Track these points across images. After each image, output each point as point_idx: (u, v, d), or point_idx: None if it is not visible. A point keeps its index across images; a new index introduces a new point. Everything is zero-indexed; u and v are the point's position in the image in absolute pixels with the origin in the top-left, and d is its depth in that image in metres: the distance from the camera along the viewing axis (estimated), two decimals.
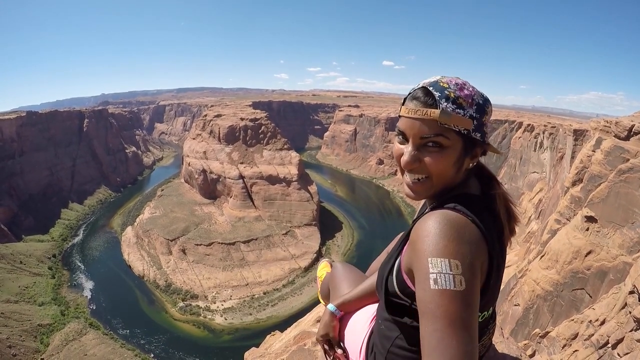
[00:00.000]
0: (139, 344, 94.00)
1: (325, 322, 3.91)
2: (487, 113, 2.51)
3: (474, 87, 2.54)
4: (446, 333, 1.99)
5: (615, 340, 19.91)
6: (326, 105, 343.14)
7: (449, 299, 2.06)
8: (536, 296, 42.56)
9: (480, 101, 2.48)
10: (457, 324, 2.01)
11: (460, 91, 2.43)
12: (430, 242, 2.22)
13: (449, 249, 2.16)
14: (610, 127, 42.26)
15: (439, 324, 2.04)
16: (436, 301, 2.09)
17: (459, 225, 2.27)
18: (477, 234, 2.29)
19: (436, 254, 2.16)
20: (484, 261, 2.30)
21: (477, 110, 2.44)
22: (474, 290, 2.11)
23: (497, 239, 2.48)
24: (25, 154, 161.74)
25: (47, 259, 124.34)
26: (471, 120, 2.40)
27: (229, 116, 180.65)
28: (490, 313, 2.76)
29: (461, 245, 2.18)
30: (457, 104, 2.40)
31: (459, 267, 2.11)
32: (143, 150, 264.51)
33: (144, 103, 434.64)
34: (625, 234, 36.29)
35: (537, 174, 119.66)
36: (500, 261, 2.52)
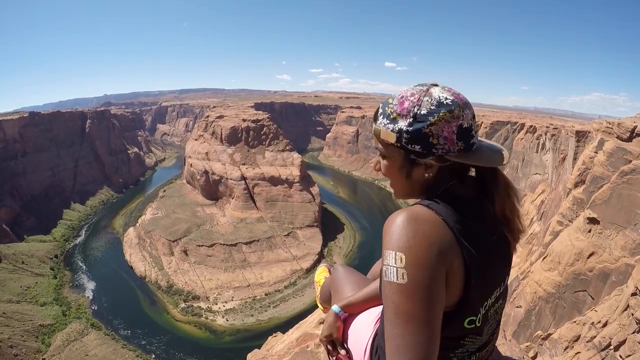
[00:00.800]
0: (140, 344, 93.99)
1: (330, 323, 3.92)
2: (432, 123, 2.47)
3: (428, 96, 2.54)
4: (393, 323, 2.17)
5: (618, 342, 19.86)
6: (328, 107, 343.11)
7: (392, 291, 2.22)
8: (538, 298, 42.49)
9: (422, 111, 2.49)
10: (401, 316, 2.14)
11: (400, 105, 2.56)
12: (388, 234, 2.35)
13: (398, 242, 2.27)
14: (613, 128, 42.16)
15: (388, 314, 2.23)
16: (385, 292, 2.29)
17: (419, 219, 2.36)
18: (441, 231, 2.34)
19: (389, 246, 2.30)
20: (453, 260, 2.33)
21: (411, 122, 2.49)
22: (419, 285, 2.16)
23: (483, 241, 2.54)
24: (28, 154, 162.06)
25: (49, 260, 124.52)
26: (396, 135, 2.54)
27: (231, 117, 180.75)
28: (481, 317, 2.68)
29: (412, 239, 2.25)
30: (390, 119, 2.58)
31: (403, 260, 2.20)
32: (145, 151, 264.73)
33: (146, 104, 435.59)
34: (627, 236, 36.20)
35: (539, 175, 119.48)
36: (485, 265, 2.54)
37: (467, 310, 2.54)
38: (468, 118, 2.54)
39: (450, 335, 2.57)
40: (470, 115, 2.57)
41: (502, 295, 2.90)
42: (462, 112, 2.51)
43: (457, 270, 2.37)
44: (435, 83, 2.67)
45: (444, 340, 2.41)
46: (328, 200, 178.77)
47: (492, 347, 3.12)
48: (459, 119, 2.50)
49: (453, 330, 2.57)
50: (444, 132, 2.47)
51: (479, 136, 2.72)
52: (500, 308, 2.95)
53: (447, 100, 2.50)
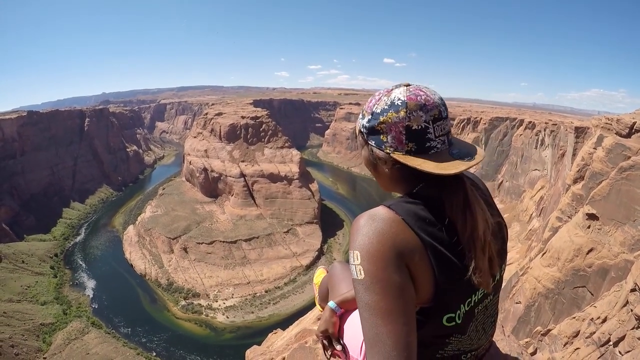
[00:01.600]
0: (140, 342, 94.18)
1: (326, 319, 3.96)
2: (381, 121, 2.67)
3: (386, 96, 2.71)
4: (363, 317, 2.34)
5: (617, 338, 19.93)
6: (327, 103, 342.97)
7: (356, 287, 2.41)
8: (537, 294, 42.57)
9: (377, 110, 2.70)
10: (367, 309, 2.32)
11: (368, 103, 2.80)
12: (351, 235, 2.56)
13: (355, 241, 2.48)
14: (612, 124, 42.19)
15: (359, 310, 2.40)
16: (354, 289, 2.46)
17: (376, 218, 2.52)
18: (401, 229, 2.46)
19: (351, 247, 2.51)
20: (413, 256, 2.43)
21: (370, 118, 2.75)
22: (375, 279, 2.32)
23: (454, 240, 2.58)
24: (27, 153, 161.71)
25: (49, 258, 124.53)
26: (358, 128, 2.88)
27: (229, 114, 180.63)
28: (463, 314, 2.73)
29: (366, 236, 2.44)
30: (361, 115, 2.87)
31: (358, 257, 2.40)
32: (144, 149, 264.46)
33: (144, 102, 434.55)
34: (626, 232, 36.28)
35: (538, 171, 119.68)
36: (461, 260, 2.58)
37: (442, 308, 2.62)
38: (419, 120, 2.59)
39: (433, 333, 2.67)
40: (424, 117, 2.59)
41: (492, 293, 2.93)
42: (412, 113, 2.58)
43: (422, 266, 2.46)
44: (407, 83, 2.77)
45: (429, 338, 2.61)
46: (327, 197, 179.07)
47: (487, 345, 3.22)
48: (406, 120, 2.59)
49: (434, 328, 2.66)
50: (392, 131, 2.63)
51: (446, 140, 2.70)
52: (491, 306, 2.99)
53: (398, 102, 2.62)
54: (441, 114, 2.66)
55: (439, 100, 2.68)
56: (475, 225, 2.67)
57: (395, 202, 2.64)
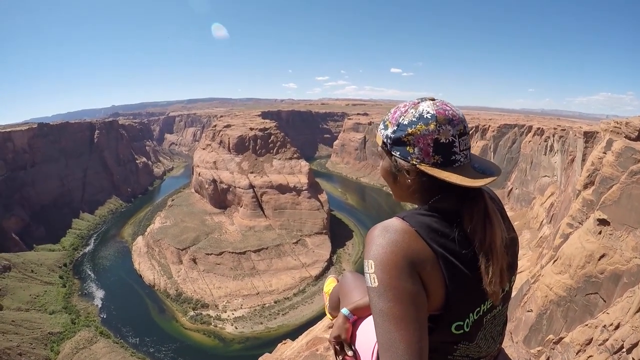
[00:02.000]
0: (149, 352, 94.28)
1: (339, 325, 4.05)
2: (409, 133, 2.73)
3: (413, 109, 2.79)
4: (377, 323, 2.45)
5: (630, 344, 19.51)
6: (335, 114, 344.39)
7: (371, 295, 2.52)
8: (549, 302, 42.05)
9: (404, 121, 2.77)
10: (381, 316, 2.43)
11: (392, 115, 2.89)
12: (366, 245, 2.67)
13: (370, 250, 2.58)
14: (621, 127, 41.81)
15: (373, 316, 2.50)
16: (368, 297, 2.57)
17: (390, 229, 2.63)
18: (414, 239, 2.57)
19: (365, 256, 2.62)
20: (425, 265, 2.53)
21: (395, 130, 2.81)
22: (388, 286, 2.44)
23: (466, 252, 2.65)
24: (37, 165, 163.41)
25: (58, 268, 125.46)
26: (382, 138, 2.94)
27: (238, 126, 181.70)
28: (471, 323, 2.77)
29: (380, 247, 2.55)
30: (384, 125, 2.93)
31: (372, 266, 2.52)
32: (153, 160, 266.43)
33: (154, 114, 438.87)
34: (638, 237, 35.80)
35: (548, 177, 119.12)
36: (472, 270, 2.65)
37: (451, 316, 2.68)
38: (448, 134, 2.69)
39: (441, 339, 2.74)
40: (451, 132, 2.70)
41: (501, 302, 2.94)
42: (440, 127, 2.68)
43: (433, 276, 2.55)
44: (432, 97, 2.88)
45: (438, 344, 2.70)
46: (336, 207, 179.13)
47: (495, 352, 3.24)
48: (435, 133, 2.68)
49: (442, 335, 2.72)
50: (420, 143, 2.71)
51: (468, 155, 2.83)
52: (499, 315, 3.02)
53: (428, 115, 2.70)
54: (465, 129, 2.79)
55: (462, 116, 2.80)
56: (494, 237, 2.73)
57: (409, 214, 2.73)
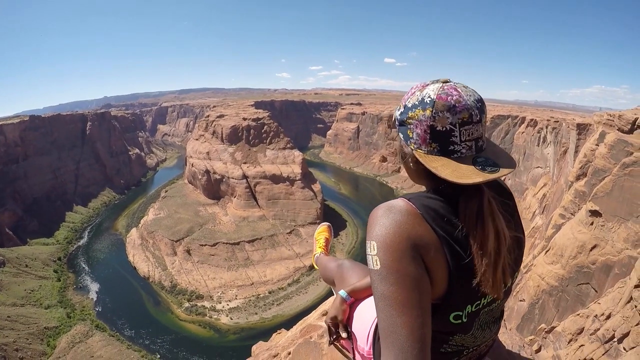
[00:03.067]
0: (145, 344, 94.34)
1: (336, 306, 4.03)
2: (409, 117, 2.60)
3: (420, 91, 2.61)
4: (379, 306, 2.35)
5: (621, 334, 19.85)
6: (328, 104, 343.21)
7: (373, 277, 2.41)
8: (541, 291, 42.52)
9: (409, 104, 2.62)
10: (383, 299, 2.32)
11: (406, 95, 2.73)
12: (369, 226, 2.55)
13: (374, 231, 2.47)
14: (614, 120, 42.13)
15: (375, 299, 2.40)
16: (370, 280, 2.46)
17: (394, 210, 2.52)
18: (418, 222, 2.45)
19: (368, 237, 2.51)
20: (429, 250, 2.41)
21: (402, 112, 2.68)
22: (391, 269, 2.32)
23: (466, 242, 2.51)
24: (29, 158, 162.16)
25: (53, 262, 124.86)
26: (388, 120, 2.70)
27: (231, 116, 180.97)
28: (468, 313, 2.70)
29: (382, 227, 2.44)
30: (398, 106, 2.77)
31: (375, 248, 2.41)
32: (146, 152, 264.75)
33: (146, 105, 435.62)
34: (630, 228, 36.20)
35: (540, 168, 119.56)
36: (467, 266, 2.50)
37: (451, 305, 2.59)
38: (445, 122, 2.49)
39: (437, 328, 2.58)
40: (450, 119, 2.48)
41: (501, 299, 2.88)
42: (437, 114, 2.48)
43: (437, 261, 2.43)
44: (447, 80, 2.65)
45: (434, 333, 2.43)
46: (330, 197, 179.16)
47: (490, 342, 3.20)
48: (431, 120, 2.50)
49: (439, 324, 2.60)
50: (417, 129, 2.57)
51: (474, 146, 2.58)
52: (497, 309, 2.95)
53: (428, 99, 2.52)
54: (472, 117, 2.51)
55: (474, 102, 2.54)
56: (484, 241, 2.55)
57: (415, 196, 2.63)
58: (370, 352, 3.53)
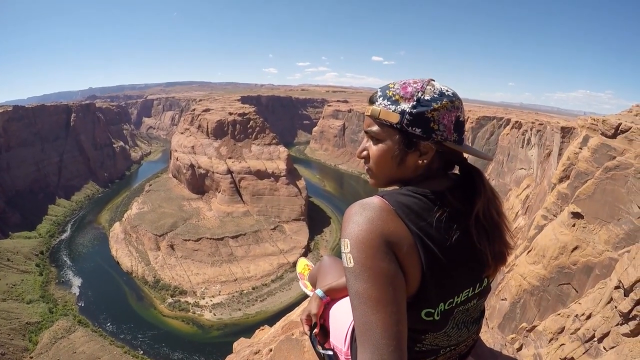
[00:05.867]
0: (127, 340, 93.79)
1: (311, 304, 4.06)
2: (434, 108, 2.54)
3: (430, 85, 2.63)
4: (354, 305, 2.28)
5: (601, 334, 20.25)
6: (315, 100, 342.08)
7: (347, 276, 2.33)
8: (523, 291, 43.00)
9: (425, 97, 2.56)
10: (357, 297, 2.25)
11: (403, 89, 2.60)
12: (343, 224, 2.47)
13: (348, 229, 2.38)
14: (598, 125, 42.65)
15: (350, 297, 2.33)
16: (345, 278, 2.39)
17: (367, 207, 2.43)
18: (390, 219, 2.38)
19: (342, 235, 2.42)
20: (402, 246, 2.35)
21: (415, 105, 2.55)
22: (364, 266, 2.25)
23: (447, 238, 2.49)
24: (12, 149, 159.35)
25: (35, 256, 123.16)
26: (399, 115, 2.55)
27: (217, 111, 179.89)
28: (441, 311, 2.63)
29: (357, 225, 2.35)
30: (392, 100, 2.59)
31: (348, 245, 2.33)
32: (131, 145, 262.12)
33: (131, 97, 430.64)
34: (611, 230, 36.76)
35: (524, 170, 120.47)
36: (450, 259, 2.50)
37: (423, 302, 2.54)
38: (464, 113, 2.70)
39: (410, 325, 2.44)
40: (464, 112, 2.72)
41: (477, 296, 2.87)
42: (461, 105, 2.67)
43: (410, 258, 2.39)
44: (433, 79, 2.73)
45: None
46: (314, 194, 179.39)
47: (470, 342, 3.17)
48: (458, 110, 2.64)
49: (411, 320, 2.46)
50: (444, 120, 2.57)
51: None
52: (473, 308, 2.90)
53: (449, 92, 2.62)
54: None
55: None
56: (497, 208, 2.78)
57: (389, 193, 2.59)
58: (347, 353, 3.53)
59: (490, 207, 2.76)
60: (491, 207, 2.77)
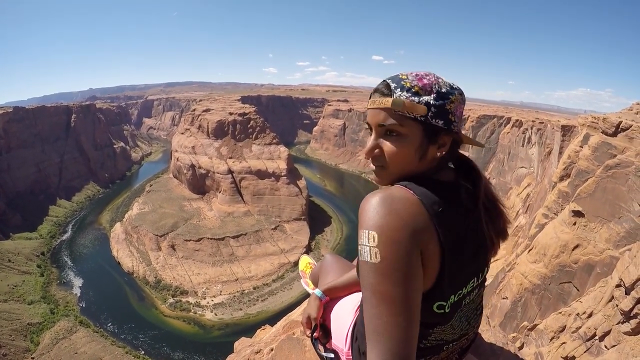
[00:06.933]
0: (129, 340, 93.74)
1: (310, 305, 4.03)
2: (452, 101, 2.52)
3: (439, 78, 2.60)
4: (371, 303, 2.13)
5: (603, 332, 20.22)
6: (315, 100, 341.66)
7: (367, 271, 2.18)
8: (524, 289, 42.94)
9: (442, 90, 2.51)
10: (378, 296, 2.11)
11: (419, 81, 2.51)
12: (362, 214, 2.32)
13: (373, 220, 2.22)
14: (598, 123, 42.61)
15: (366, 295, 2.19)
16: (362, 272, 2.23)
17: (395, 198, 2.30)
18: (416, 211, 2.28)
19: (363, 225, 2.27)
20: (428, 242, 2.26)
21: (436, 97, 2.48)
22: (392, 264, 2.12)
23: (460, 226, 2.48)
24: (12, 150, 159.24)
25: (36, 257, 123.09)
26: (425, 107, 2.44)
27: (217, 111, 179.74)
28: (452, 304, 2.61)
29: (384, 217, 2.20)
30: (413, 92, 2.47)
31: (375, 239, 2.16)
32: (131, 145, 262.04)
33: (132, 98, 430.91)
34: (612, 229, 36.71)
35: (525, 169, 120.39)
36: (462, 251, 2.50)
37: (437, 295, 2.49)
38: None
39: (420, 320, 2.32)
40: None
41: (479, 285, 2.86)
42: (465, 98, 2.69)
43: (433, 252, 2.31)
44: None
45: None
46: (315, 194, 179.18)
47: (472, 336, 3.16)
48: (464, 103, 2.66)
49: (423, 315, 2.33)
50: (457, 112, 2.58)
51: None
52: (476, 298, 2.89)
53: (455, 86, 2.62)
54: None
55: None
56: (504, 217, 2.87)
57: (410, 184, 2.47)
58: (349, 354, 3.48)
59: (488, 188, 2.83)
60: (489, 188, 2.84)
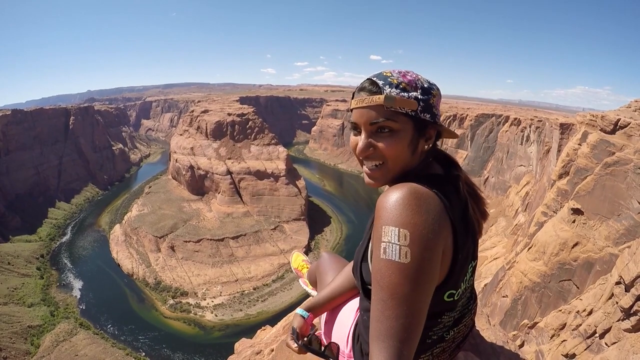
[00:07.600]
0: (129, 342, 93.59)
1: (295, 324, 3.73)
2: (434, 95, 2.62)
3: (418, 75, 2.69)
4: (388, 304, 2.05)
5: (603, 330, 20.29)
6: (313, 100, 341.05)
7: (393, 270, 2.08)
8: (524, 287, 42.99)
9: (425, 85, 2.61)
10: (398, 297, 2.04)
11: (403, 77, 2.58)
12: (387, 210, 2.22)
13: (402, 217, 2.14)
14: (597, 121, 42.71)
15: (383, 294, 2.10)
16: (382, 271, 2.13)
17: (421, 195, 2.25)
18: (440, 207, 2.26)
19: (389, 222, 2.16)
20: (447, 237, 2.28)
21: (422, 92, 2.56)
22: (421, 265, 2.07)
23: (461, 218, 2.53)
24: (11, 153, 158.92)
25: (35, 259, 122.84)
26: (416, 102, 2.51)
27: (216, 112, 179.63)
28: (460, 292, 2.68)
29: (416, 215, 2.15)
30: (401, 88, 2.51)
31: (407, 237, 2.08)
32: (130, 147, 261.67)
33: (130, 99, 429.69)
34: (611, 226, 36.77)
35: (524, 167, 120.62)
36: (466, 240, 2.52)
37: (450, 284, 2.51)
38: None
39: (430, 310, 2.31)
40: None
41: (474, 269, 2.87)
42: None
43: (449, 246, 2.32)
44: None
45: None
46: (314, 194, 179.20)
47: (470, 320, 3.12)
48: (441, 97, 2.75)
49: (433, 305, 2.32)
50: (438, 105, 2.67)
51: None
52: (470, 279, 2.85)
53: (431, 81, 2.71)
54: None
55: None
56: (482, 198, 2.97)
57: (422, 180, 2.46)
58: (350, 355, 3.45)
59: (467, 175, 2.93)
60: (467, 175, 2.93)
